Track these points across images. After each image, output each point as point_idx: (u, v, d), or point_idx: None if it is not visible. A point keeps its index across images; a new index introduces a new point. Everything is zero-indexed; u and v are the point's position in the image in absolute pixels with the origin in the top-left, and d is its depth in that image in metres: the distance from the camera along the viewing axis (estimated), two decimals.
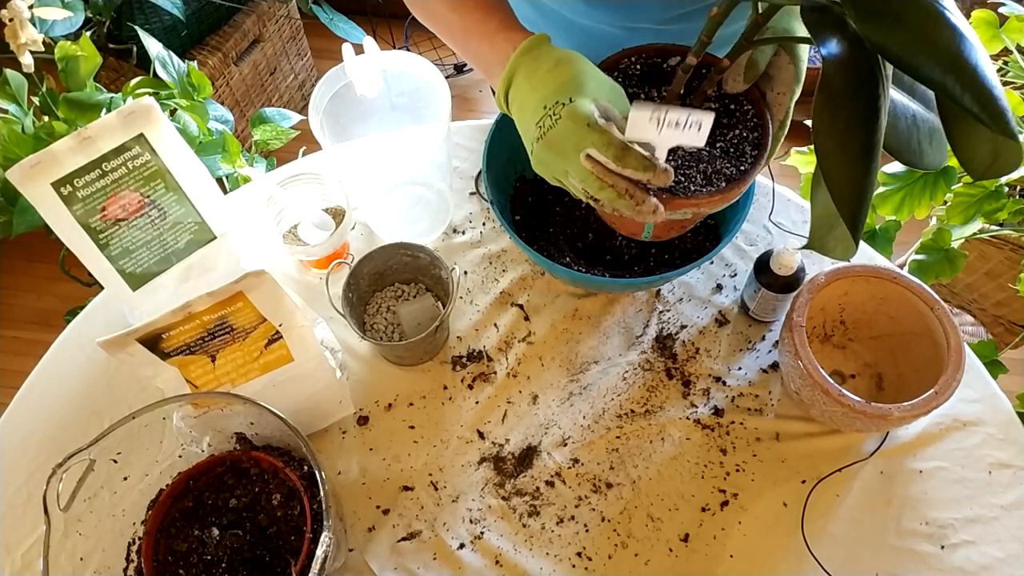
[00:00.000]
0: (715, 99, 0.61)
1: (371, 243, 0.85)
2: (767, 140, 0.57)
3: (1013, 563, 0.68)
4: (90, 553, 0.67)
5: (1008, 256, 1.35)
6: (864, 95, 0.38)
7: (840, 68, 0.38)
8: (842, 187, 0.39)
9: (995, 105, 0.35)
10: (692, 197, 0.55)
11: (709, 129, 0.50)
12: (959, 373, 0.66)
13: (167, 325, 0.62)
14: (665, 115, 0.50)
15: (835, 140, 0.39)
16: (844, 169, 0.39)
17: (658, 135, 0.51)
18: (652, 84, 0.62)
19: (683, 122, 0.50)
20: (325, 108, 0.75)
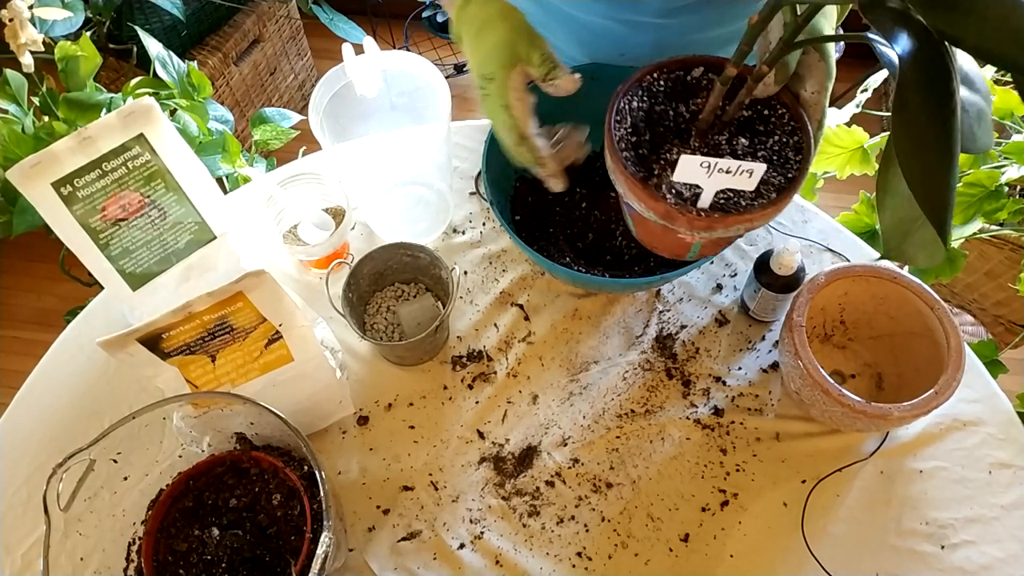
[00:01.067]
0: (747, 107, 0.59)
1: (371, 243, 0.85)
2: (808, 142, 0.56)
3: (1013, 563, 0.68)
4: (90, 553, 0.67)
5: (1008, 256, 1.35)
6: (939, 90, 0.37)
7: (913, 64, 0.37)
8: (927, 189, 0.38)
9: None
10: (745, 213, 0.54)
11: (760, 176, 0.51)
12: (959, 373, 0.66)
13: (167, 325, 0.62)
14: (715, 164, 0.50)
15: (916, 140, 0.38)
16: (927, 169, 0.37)
17: (708, 179, 0.51)
18: (678, 99, 0.60)
19: (734, 170, 0.50)
20: (325, 108, 0.75)
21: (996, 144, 1.03)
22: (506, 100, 0.57)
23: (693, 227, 0.55)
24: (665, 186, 0.55)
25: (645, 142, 0.58)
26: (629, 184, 0.56)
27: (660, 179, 0.55)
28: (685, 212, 0.54)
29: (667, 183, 0.55)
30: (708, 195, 0.53)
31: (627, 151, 0.57)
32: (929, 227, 0.46)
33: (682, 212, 0.54)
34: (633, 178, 0.55)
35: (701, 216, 0.54)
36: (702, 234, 0.56)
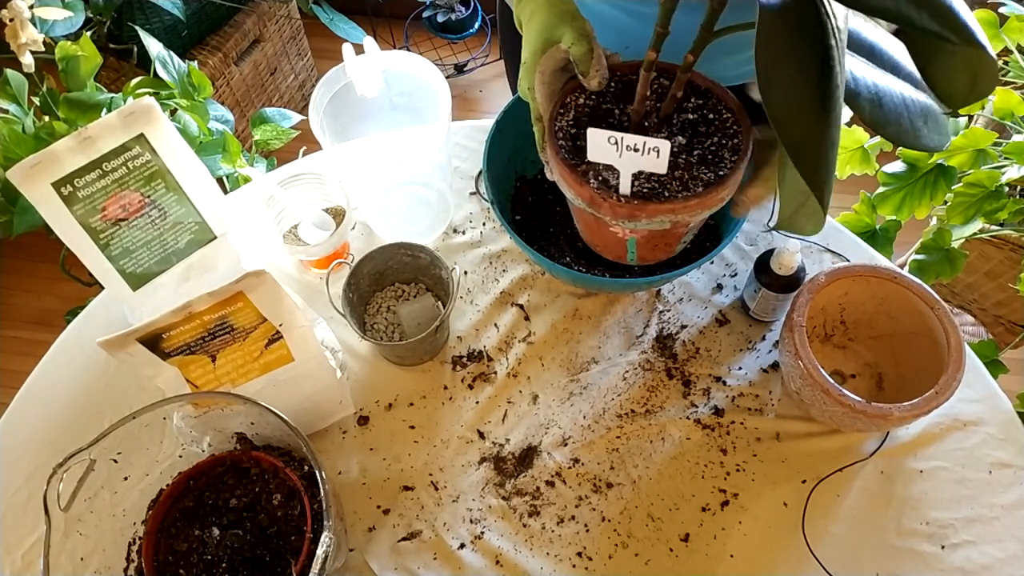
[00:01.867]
0: (694, 108, 0.60)
1: (371, 243, 0.85)
2: (747, 145, 0.57)
3: (1013, 563, 0.68)
4: (90, 553, 0.67)
5: (1008, 256, 1.35)
6: (810, 40, 0.35)
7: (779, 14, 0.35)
8: (801, 146, 0.36)
9: (955, 18, 0.33)
10: (667, 202, 0.54)
11: (667, 155, 0.51)
12: (959, 373, 0.66)
13: (167, 325, 0.62)
14: (622, 140, 0.51)
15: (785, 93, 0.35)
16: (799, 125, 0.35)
17: (619, 158, 0.52)
18: (627, 101, 0.61)
19: (641, 147, 0.51)
20: (325, 108, 0.75)
21: (996, 144, 1.03)
22: (531, 83, 0.59)
23: (616, 215, 0.56)
24: (593, 174, 0.57)
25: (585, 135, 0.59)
26: (560, 169, 0.57)
27: (590, 167, 0.57)
28: (607, 198, 0.55)
29: (595, 171, 0.57)
30: (626, 178, 0.54)
31: (564, 140, 0.59)
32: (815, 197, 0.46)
33: (604, 198, 0.55)
34: (564, 163, 0.57)
35: (622, 202, 0.55)
36: (628, 224, 0.57)
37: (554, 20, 0.58)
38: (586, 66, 0.56)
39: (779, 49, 0.35)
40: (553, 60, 0.58)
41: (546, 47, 0.58)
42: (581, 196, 0.57)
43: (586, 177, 0.57)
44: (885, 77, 0.47)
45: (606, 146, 0.52)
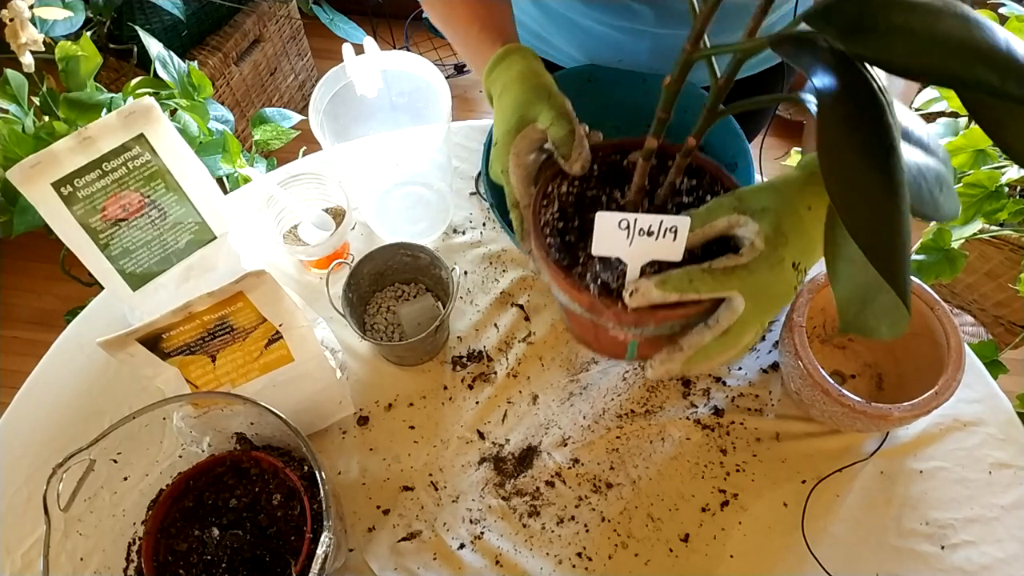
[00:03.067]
0: (688, 190, 0.53)
1: (371, 243, 0.85)
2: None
3: (1013, 563, 0.68)
4: (90, 553, 0.67)
5: (1008, 256, 1.35)
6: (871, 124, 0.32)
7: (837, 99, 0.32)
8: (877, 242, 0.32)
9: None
10: (679, 307, 0.47)
11: (686, 236, 0.44)
12: (959, 373, 0.66)
13: (167, 325, 0.62)
14: (634, 222, 0.44)
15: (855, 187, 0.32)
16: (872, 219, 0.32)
17: (629, 247, 0.45)
18: (612, 184, 0.55)
19: (656, 229, 0.44)
20: (325, 108, 0.75)
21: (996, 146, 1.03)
22: (505, 165, 0.54)
23: (621, 322, 0.49)
24: (590, 275, 0.50)
25: (573, 228, 0.53)
26: (552, 273, 0.51)
27: (586, 268, 0.50)
28: (610, 306, 0.48)
29: (592, 272, 0.50)
30: (634, 272, 0.47)
31: (552, 237, 0.52)
32: (888, 291, 0.41)
33: (607, 305, 0.48)
34: (556, 266, 0.50)
35: (628, 311, 0.47)
36: (633, 331, 0.50)
37: (529, 96, 0.54)
38: (567, 149, 0.51)
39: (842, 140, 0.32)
40: (528, 140, 0.54)
41: (521, 126, 0.53)
42: (580, 303, 0.50)
43: (583, 280, 0.49)
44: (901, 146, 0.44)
45: (615, 232, 0.44)
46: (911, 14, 0.30)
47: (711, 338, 0.47)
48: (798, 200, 0.46)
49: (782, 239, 0.45)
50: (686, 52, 0.40)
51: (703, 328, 0.47)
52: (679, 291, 0.45)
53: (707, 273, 0.45)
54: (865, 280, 0.41)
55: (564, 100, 0.54)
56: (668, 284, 0.45)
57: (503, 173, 0.55)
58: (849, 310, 0.43)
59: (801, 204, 0.46)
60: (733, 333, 0.47)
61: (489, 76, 0.60)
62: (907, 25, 0.30)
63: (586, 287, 0.49)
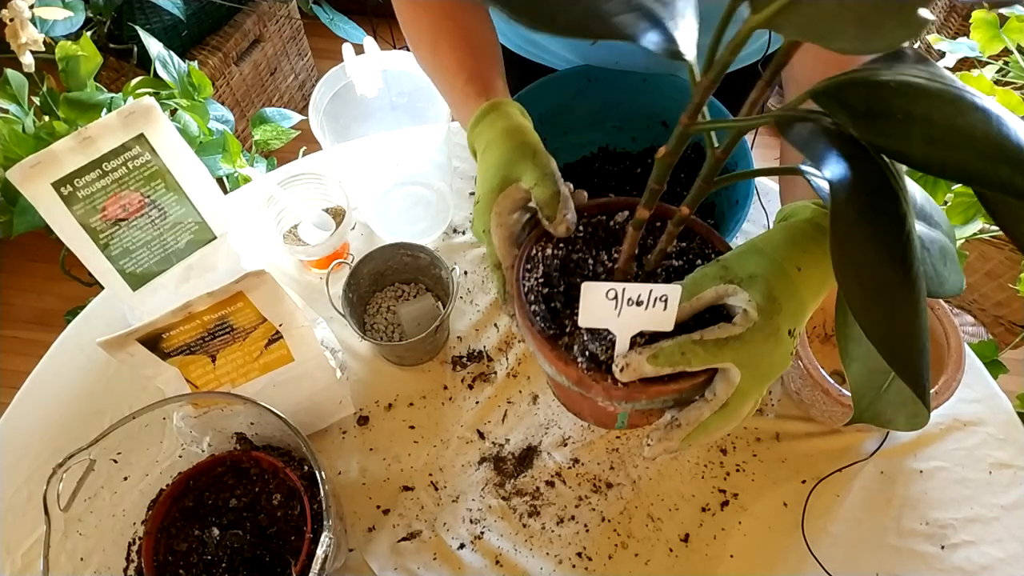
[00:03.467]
0: (678, 253, 0.51)
1: (371, 243, 0.85)
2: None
3: (1013, 563, 0.68)
4: (90, 553, 0.67)
5: (1008, 256, 1.35)
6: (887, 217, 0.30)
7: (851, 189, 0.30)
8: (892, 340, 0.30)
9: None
10: (672, 381, 0.45)
11: (677, 304, 0.43)
12: (959, 373, 0.66)
13: (167, 325, 0.62)
14: (623, 292, 0.42)
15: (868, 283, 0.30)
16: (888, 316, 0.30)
17: (618, 317, 0.43)
18: (599, 246, 0.52)
19: (646, 299, 0.42)
20: (325, 108, 0.75)
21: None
22: (486, 225, 0.53)
23: (611, 397, 0.46)
24: (578, 347, 0.47)
25: (559, 294, 0.50)
26: (538, 344, 0.48)
27: (573, 338, 0.48)
28: (599, 380, 0.45)
29: (580, 344, 0.47)
30: (623, 344, 0.45)
31: (537, 304, 0.49)
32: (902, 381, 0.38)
33: (596, 380, 0.45)
34: (542, 336, 0.47)
35: (618, 386, 0.45)
36: (623, 404, 0.47)
37: (514, 155, 0.52)
38: (552, 211, 0.49)
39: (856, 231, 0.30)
40: (512, 200, 0.52)
41: (504, 185, 0.51)
42: (567, 376, 0.47)
43: (571, 352, 0.47)
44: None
45: (603, 303, 0.43)
46: (930, 103, 0.28)
47: (709, 412, 0.45)
48: (786, 262, 0.44)
49: (775, 307, 0.43)
50: (683, 125, 0.38)
51: (701, 403, 0.46)
52: (672, 364, 0.43)
53: (699, 345, 0.43)
54: (879, 365, 0.39)
55: (549, 159, 0.52)
56: (660, 358, 0.43)
57: (484, 233, 0.53)
58: (864, 397, 0.40)
59: (790, 266, 0.44)
60: (732, 406, 0.45)
61: (473, 131, 0.58)
62: (927, 116, 0.28)
63: (574, 359, 0.47)
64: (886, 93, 0.29)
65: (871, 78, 0.30)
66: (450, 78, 0.62)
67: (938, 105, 0.28)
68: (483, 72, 0.61)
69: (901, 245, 0.30)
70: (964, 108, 0.28)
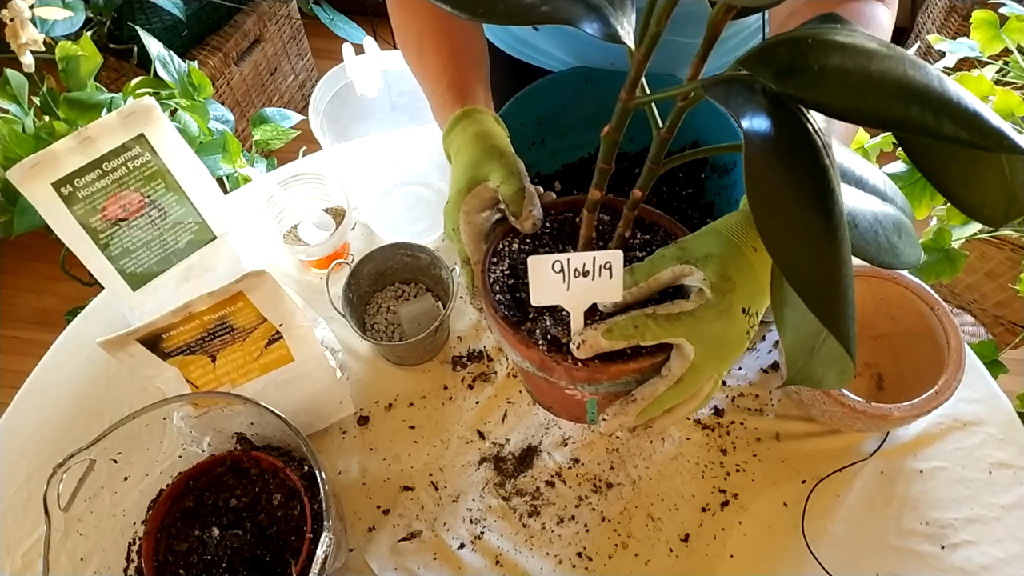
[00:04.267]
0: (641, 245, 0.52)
1: (371, 243, 0.85)
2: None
3: (1013, 563, 0.68)
4: (90, 553, 0.67)
5: (1008, 256, 1.35)
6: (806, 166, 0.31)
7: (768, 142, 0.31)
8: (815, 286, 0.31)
9: (983, 122, 0.28)
10: (631, 361, 0.46)
11: (621, 270, 0.43)
12: (959, 373, 0.66)
13: (167, 325, 0.62)
14: (567, 263, 0.42)
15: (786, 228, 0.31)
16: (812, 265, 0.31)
17: (567, 291, 0.44)
18: (567, 241, 0.54)
19: (591, 267, 0.42)
20: (325, 108, 0.76)
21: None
22: (456, 223, 0.55)
23: (574, 379, 0.48)
24: (540, 331, 0.49)
25: (523, 285, 0.51)
26: (502, 330, 0.50)
27: (535, 323, 0.49)
28: (560, 361, 0.47)
29: (542, 328, 0.49)
30: (577, 320, 0.46)
31: (502, 294, 0.51)
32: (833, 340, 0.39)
33: (557, 361, 0.47)
34: (505, 323, 0.49)
35: (579, 366, 0.46)
36: (587, 388, 0.49)
37: (481, 157, 0.54)
38: (517, 207, 0.51)
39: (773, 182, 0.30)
40: (480, 199, 0.54)
41: (472, 185, 0.54)
42: (530, 360, 0.49)
43: (532, 337, 0.48)
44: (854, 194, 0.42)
45: (551, 276, 0.43)
46: (845, 55, 0.30)
47: (664, 387, 0.46)
48: (742, 242, 0.45)
49: (729, 284, 0.44)
50: (622, 100, 0.39)
51: (656, 379, 0.46)
52: (626, 338, 0.44)
53: (652, 319, 0.44)
54: (812, 328, 0.40)
55: (516, 160, 0.54)
56: (614, 332, 0.44)
57: (454, 231, 0.55)
58: (797, 360, 0.41)
59: (746, 246, 0.45)
60: (687, 382, 0.45)
61: (447, 137, 0.60)
62: (842, 66, 0.30)
63: (535, 343, 0.48)
64: (804, 48, 0.30)
65: (792, 37, 0.31)
66: (432, 83, 0.64)
67: (852, 55, 0.30)
68: (464, 78, 0.63)
69: (821, 194, 0.31)
70: (877, 56, 0.29)
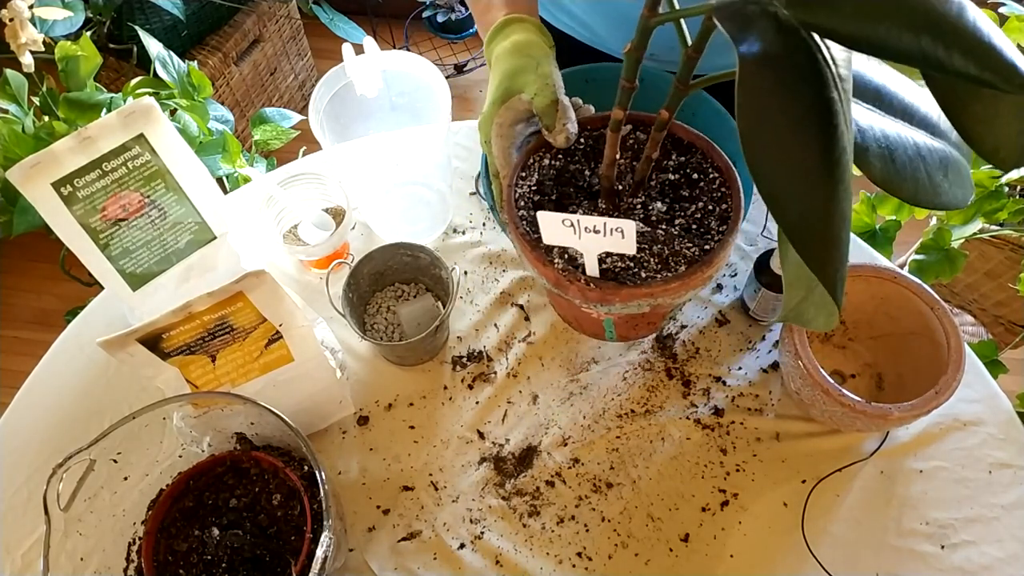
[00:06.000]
0: (675, 167, 0.52)
1: (371, 243, 0.85)
2: (738, 212, 0.49)
3: (1013, 563, 0.68)
4: (90, 553, 0.67)
5: (1008, 256, 1.35)
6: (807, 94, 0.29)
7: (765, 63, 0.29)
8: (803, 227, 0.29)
9: (998, 56, 0.26)
10: (643, 286, 0.47)
11: (634, 236, 0.43)
12: (959, 373, 0.66)
13: (167, 325, 0.62)
14: (578, 222, 0.43)
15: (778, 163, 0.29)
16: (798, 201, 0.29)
17: (579, 241, 0.45)
18: (598, 159, 0.53)
19: (602, 229, 0.43)
20: (325, 108, 0.75)
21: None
22: (488, 135, 0.54)
23: (587, 298, 0.48)
24: (557, 250, 0.49)
25: (550, 201, 0.52)
26: (521, 246, 0.50)
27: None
28: (574, 281, 0.47)
29: (559, 248, 0.49)
30: (592, 260, 0.47)
31: (526, 209, 0.51)
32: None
33: (571, 280, 0.47)
34: (524, 239, 0.49)
35: (591, 287, 0.47)
36: (601, 308, 0.49)
37: (518, 67, 0.53)
38: (550, 120, 0.50)
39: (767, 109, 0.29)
40: (513, 111, 0.53)
41: (506, 97, 0.52)
42: (546, 277, 0.49)
43: (550, 255, 0.49)
44: (895, 125, 0.39)
45: (561, 229, 0.44)
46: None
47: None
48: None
49: None
50: (644, 18, 0.39)
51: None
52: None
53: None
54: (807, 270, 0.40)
55: (553, 71, 0.52)
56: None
57: (486, 144, 0.54)
58: (793, 298, 0.41)
59: None
60: None
61: (489, 45, 0.59)
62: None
63: (551, 261, 0.48)
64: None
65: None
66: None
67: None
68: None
69: (822, 127, 0.29)
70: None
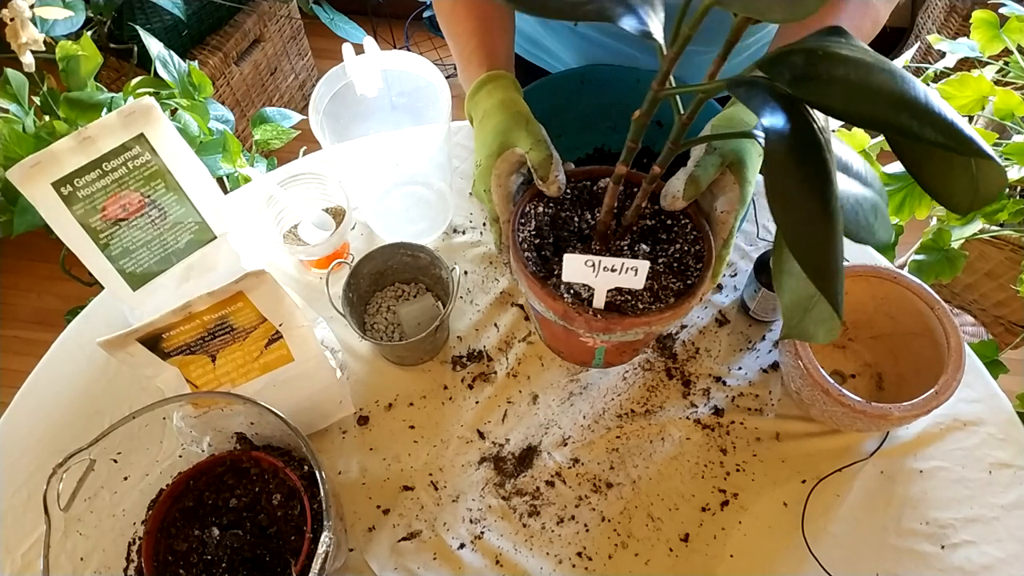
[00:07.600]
0: (651, 214, 0.59)
1: (371, 243, 0.85)
2: (710, 253, 0.57)
3: (1013, 563, 0.68)
4: (90, 553, 0.67)
5: (1008, 256, 1.35)
6: (812, 161, 0.37)
7: (785, 138, 0.37)
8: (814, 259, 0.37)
9: (957, 130, 0.34)
10: (642, 315, 0.54)
11: (645, 274, 0.51)
12: (959, 373, 0.66)
13: (167, 325, 0.62)
14: (599, 263, 0.50)
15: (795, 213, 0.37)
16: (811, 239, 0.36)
17: (595, 278, 0.52)
18: (584, 207, 0.60)
19: (619, 268, 0.51)
20: (325, 108, 0.75)
21: (996, 145, 1.03)
22: (487, 185, 0.60)
23: (592, 328, 0.55)
24: (564, 287, 0.55)
25: (548, 244, 0.58)
26: (529, 283, 0.56)
27: (560, 279, 0.55)
28: (582, 312, 0.54)
29: (566, 284, 0.55)
30: (600, 295, 0.53)
31: (529, 251, 0.58)
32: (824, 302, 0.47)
33: (579, 312, 0.54)
34: (533, 277, 0.55)
35: (598, 317, 0.54)
36: (602, 337, 0.56)
37: (510, 123, 0.59)
38: (545, 172, 0.56)
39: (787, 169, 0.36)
40: (508, 163, 0.59)
41: (502, 150, 0.58)
42: (554, 310, 0.56)
43: (558, 291, 0.55)
44: (841, 179, 0.47)
45: (582, 269, 0.51)
46: (849, 67, 0.36)
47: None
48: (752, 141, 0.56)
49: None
50: (653, 91, 0.45)
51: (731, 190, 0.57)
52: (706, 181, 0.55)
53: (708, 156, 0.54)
54: (806, 292, 0.47)
55: (540, 128, 0.59)
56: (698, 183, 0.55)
57: (485, 192, 0.60)
58: (792, 318, 0.48)
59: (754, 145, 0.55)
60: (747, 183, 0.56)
61: (471, 100, 0.65)
62: (845, 76, 0.35)
63: (560, 296, 0.55)
64: (815, 59, 0.37)
65: (806, 47, 0.38)
66: (463, 40, 0.69)
67: (854, 68, 0.36)
68: (492, 43, 0.68)
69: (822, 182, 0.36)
70: (875, 70, 0.35)
